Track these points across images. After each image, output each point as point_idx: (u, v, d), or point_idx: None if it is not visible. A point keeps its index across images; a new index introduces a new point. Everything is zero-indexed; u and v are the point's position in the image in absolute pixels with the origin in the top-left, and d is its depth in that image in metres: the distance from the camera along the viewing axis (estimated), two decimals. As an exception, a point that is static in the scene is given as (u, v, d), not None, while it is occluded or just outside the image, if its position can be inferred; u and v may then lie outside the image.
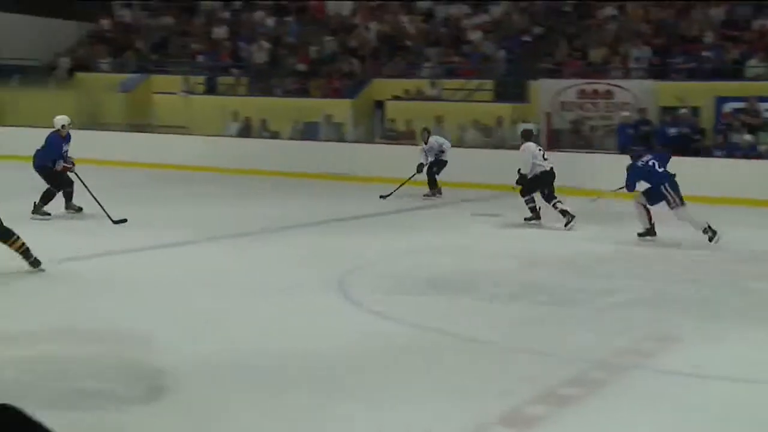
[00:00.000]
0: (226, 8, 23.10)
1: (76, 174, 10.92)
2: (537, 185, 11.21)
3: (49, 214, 10.69)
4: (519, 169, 11.29)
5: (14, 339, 5.55)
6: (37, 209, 10.68)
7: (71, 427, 3.83)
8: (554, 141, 16.15)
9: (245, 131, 18.44)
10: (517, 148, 11.72)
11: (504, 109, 17.46)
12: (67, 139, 11.07)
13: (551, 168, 11.15)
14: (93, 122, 19.33)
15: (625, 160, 10.48)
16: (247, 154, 17.02)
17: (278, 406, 4.47)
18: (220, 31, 22.13)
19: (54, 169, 10.74)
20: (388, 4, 21.81)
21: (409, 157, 14.04)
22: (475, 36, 19.83)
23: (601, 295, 7.29)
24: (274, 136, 18.23)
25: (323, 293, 7.06)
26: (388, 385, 4.86)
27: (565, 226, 10.86)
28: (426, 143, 14.03)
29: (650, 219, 10.09)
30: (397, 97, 18.57)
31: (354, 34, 21.01)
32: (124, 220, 10.20)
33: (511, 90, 18.41)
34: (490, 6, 20.73)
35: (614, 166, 11.44)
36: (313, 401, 4.53)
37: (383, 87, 19.09)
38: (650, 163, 10.14)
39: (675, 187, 9.90)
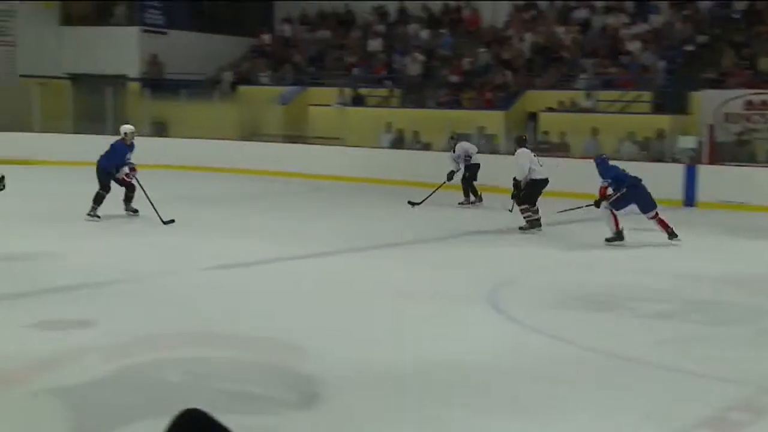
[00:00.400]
0: (382, 22, 23.47)
1: (137, 179, 11.42)
2: (536, 193, 11.16)
3: (99, 217, 11.14)
4: (514, 177, 11.27)
5: (164, 343, 5.80)
6: (91, 212, 11.16)
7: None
8: (717, 154, 15.42)
9: (398, 143, 18.65)
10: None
11: (663, 121, 16.85)
12: (131, 147, 11.62)
13: (547, 177, 11.23)
14: (253, 133, 20.11)
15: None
16: (400, 165, 17.21)
17: (428, 417, 4.46)
18: (375, 44, 22.51)
19: (114, 174, 11.32)
20: (543, 15, 21.53)
21: (562, 169, 13.77)
22: (633, 46, 19.23)
23: (762, 315, 6.88)
24: (426, 147, 18.33)
25: (472, 304, 7.00)
26: (539, 400, 4.76)
27: (519, 228, 11.01)
28: (454, 151, 13.91)
29: (617, 224, 10.21)
30: (550, 109, 18.27)
31: (507, 45, 20.85)
32: (172, 221, 10.71)
33: (671, 102, 17.74)
34: (650, 15, 20.07)
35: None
36: (463, 414, 4.49)
37: (537, 98, 18.84)
38: (620, 168, 10.55)
39: (638, 190, 10.20)
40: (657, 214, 10.29)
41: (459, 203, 13.91)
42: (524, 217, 11.13)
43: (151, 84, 22.03)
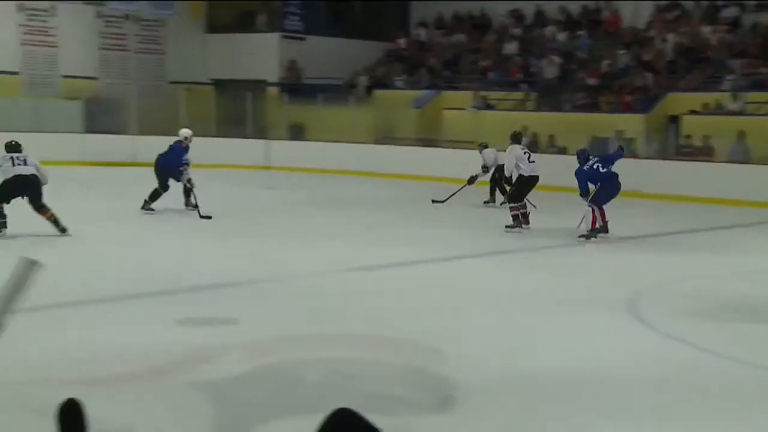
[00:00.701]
0: (518, 25, 23.23)
1: (190, 177, 12.15)
2: (525, 190, 11.31)
3: (153, 210, 11.92)
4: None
5: (304, 342, 5.92)
6: (145, 205, 11.95)
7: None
8: None
9: (532, 146, 18.37)
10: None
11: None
12: (187, 149, 12.35)
13: (536, 175, 11.36)
14: (387, 137, 20.30)
15: None
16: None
17: (573, 427, 4.37)
18: (510, 47, 22.29)
19: (173, 174, 12.08)
20: (688, 15, 20.73)
21: (704, 173, 13.24)
22: (787, 45, 18.25)
23: None
24: (562, 151, 18.00)
25: (612, 312, 6.81)
26: (683, 411, 4.57)
27: (506, 227, 11.02)
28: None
29: (603, 217, 10.49)
30: (693, 112, 17.56)
31: (649, 46, 20.20)
32: (209, 217, 11.38)
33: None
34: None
35: None
36: (608, 424, 4.37)
37: (679, 101, 18.15)
38: (594, 166, 10.62)
39: (611, 187, 10.47)
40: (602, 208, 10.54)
41: (484, 202, 14.12)
42: (511, 215, 11.19)
43: (289, 89, 22.63)
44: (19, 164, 9.83)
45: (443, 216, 12.91)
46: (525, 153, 11.55)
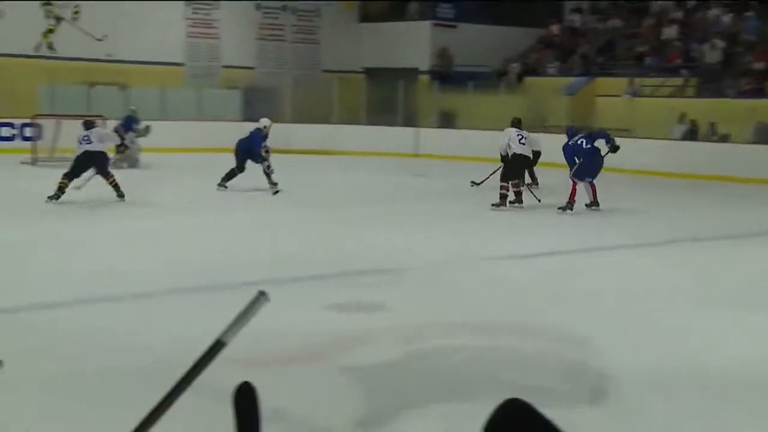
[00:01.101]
0: (679, 8, 22.27)
1: (269, 161, 12.80)
2: (513, 169, 11.77)
3: (226, 187, 12.87)
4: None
5: (452, 330, 5.92)
6: (221, 182, 12.90)
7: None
8: None
9: (691, 134, 17.62)
10: None
11: None
12: (266, 137, 13.03)
13: (526, 154, 11.87)
14: (539, 125, 19.97)
15: None
16: (694, 158, 16.28)
17: (731, 425, 4.18)
18: (670, 32, 21.41)
19: (254, 158, 12.87)
20: None
21: None
22: None
23: None
24: (724, 139, 17.16)
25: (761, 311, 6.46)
26: None
27: (492, 205, 11.43)
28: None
29: (594, 193, 11.39)
30: None
31: (824, 27, 18.91)
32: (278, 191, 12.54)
33: None
34: None
35: None
36: (760, 423, 4.16)
37: None
38: (579, 141, 11.48)
39: (593, 162, 11.21)
40: (593, 182, 11.40)
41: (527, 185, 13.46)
42: (500, 193, 11.58)
43: (440, 76, 22.65)
44: (84, 142, 11.48)
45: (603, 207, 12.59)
46: (518, 135, 12.07)
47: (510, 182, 11.66)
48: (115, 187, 11.48)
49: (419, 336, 5.70)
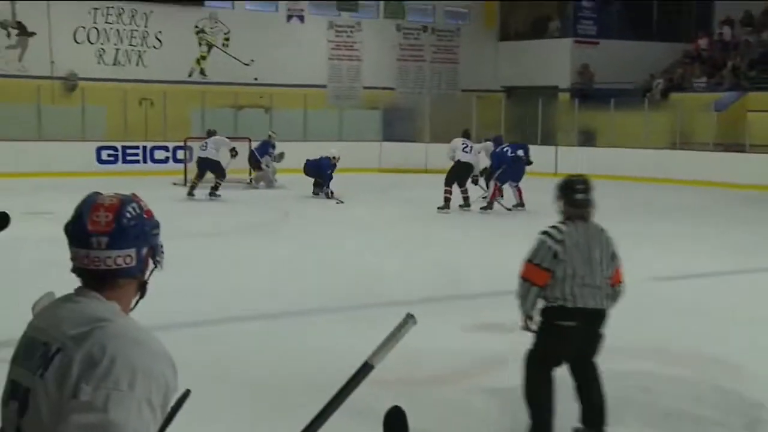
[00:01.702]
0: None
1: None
2: (455, 175, 12.99)
3: (342, 201, 14.07)
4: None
5: (613, 354, 5.78)
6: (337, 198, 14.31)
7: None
8: None
9: None
10: None
11: None
12: (334, 167, 14.83)
13: (465, 161, 13.02)
14: (685, 142, 19.32)
15: None
16: None
17: None
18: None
19: (321, 178, 14.76)
20: None
21: None
22: None
23: None
24: None
25: None
26: None
27: (438, 208, 12.82)
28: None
29: (520, 195, 13.18)
30: None
31: None
32: (342, 202, 13.78)
33: None
34: None
35: None
36: None
37: None
38: (504, 149, 13.09)
39: (516, 168, 12.87)
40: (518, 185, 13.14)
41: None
42: (443, 197, 12.85)
43: (580, 94, 22.29)
44: (201, 149, 14.49)
45: (756, 227, 12.06)
46: (463, 144, 13.34)
47: (446, 186, 12.96)
48: (215, 187, 14.23)
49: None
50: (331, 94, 22.73)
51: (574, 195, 4.15)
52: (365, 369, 1.92)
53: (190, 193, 14.28)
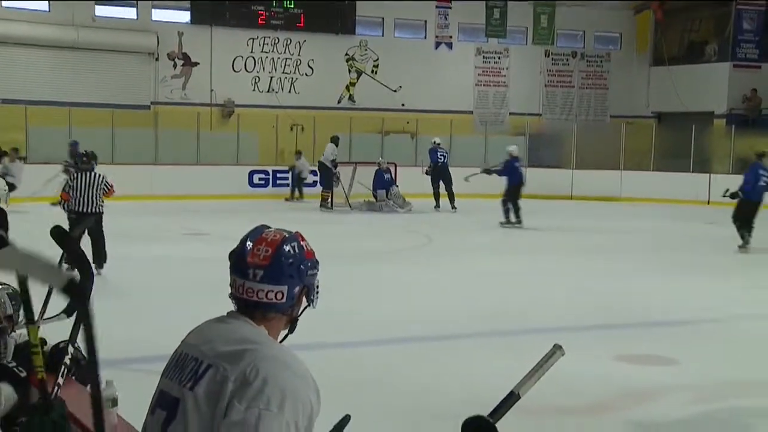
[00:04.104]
0: None
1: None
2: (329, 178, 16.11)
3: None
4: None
5: (748, 389, 5.50)
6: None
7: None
8: None
9: None
10: None
11: None
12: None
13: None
14: None
15: None
16: None
17: None
18: None
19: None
20: None
21: None
22: None
23: None
24: None
25: None
26: None
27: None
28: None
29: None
30: None
31: None
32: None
33: None
34: None
35: None
36: None
37: None
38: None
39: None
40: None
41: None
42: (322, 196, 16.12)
43: (738, 120, 21.32)
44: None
45: None
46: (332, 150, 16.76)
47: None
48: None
49: (715, 395, 5.37)
50: (478, 120, 22.75)
51: None
52: (511, 398, 1.92)
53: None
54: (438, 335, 6.81)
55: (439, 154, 17.47)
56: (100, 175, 9.03)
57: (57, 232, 2.42)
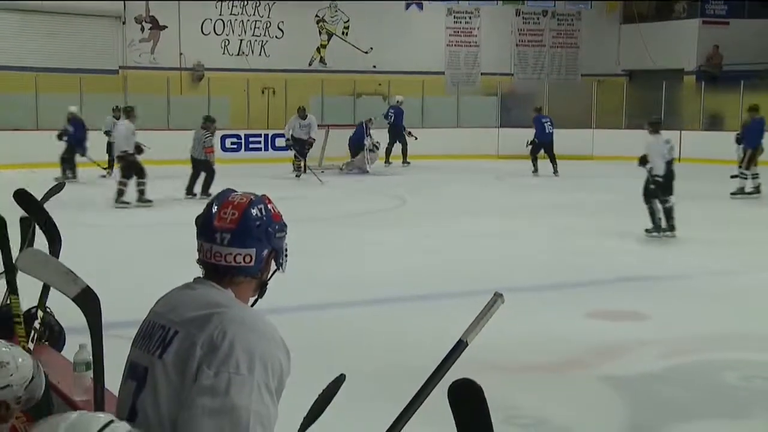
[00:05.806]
0: None
1: None
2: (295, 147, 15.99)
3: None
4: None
5: (720, 343, 5.62)
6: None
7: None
8: None
9: None
10: None
11: None
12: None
13: (303, 137, 15.86)
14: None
15: None
16: None
17: None
18: None
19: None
20: None
21: None
22: None
23: None
24: None
25: None
26: None
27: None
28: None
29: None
30: None
31: None
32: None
33: None
34: None
35: None
36: None
37: None
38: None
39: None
40: None
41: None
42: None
43: (707, 77, 21.44)
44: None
45: None
46: (297, 122, 15.86)
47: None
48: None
49: (688, 348, 5.48)
50: (449, 81, 22.69)
51: None
52: (460, 346, 1.95)
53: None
54: (414, 295, 6.87)
55: (390, 111, 18.47)
56: None
57: (21, 195, 2.43)
